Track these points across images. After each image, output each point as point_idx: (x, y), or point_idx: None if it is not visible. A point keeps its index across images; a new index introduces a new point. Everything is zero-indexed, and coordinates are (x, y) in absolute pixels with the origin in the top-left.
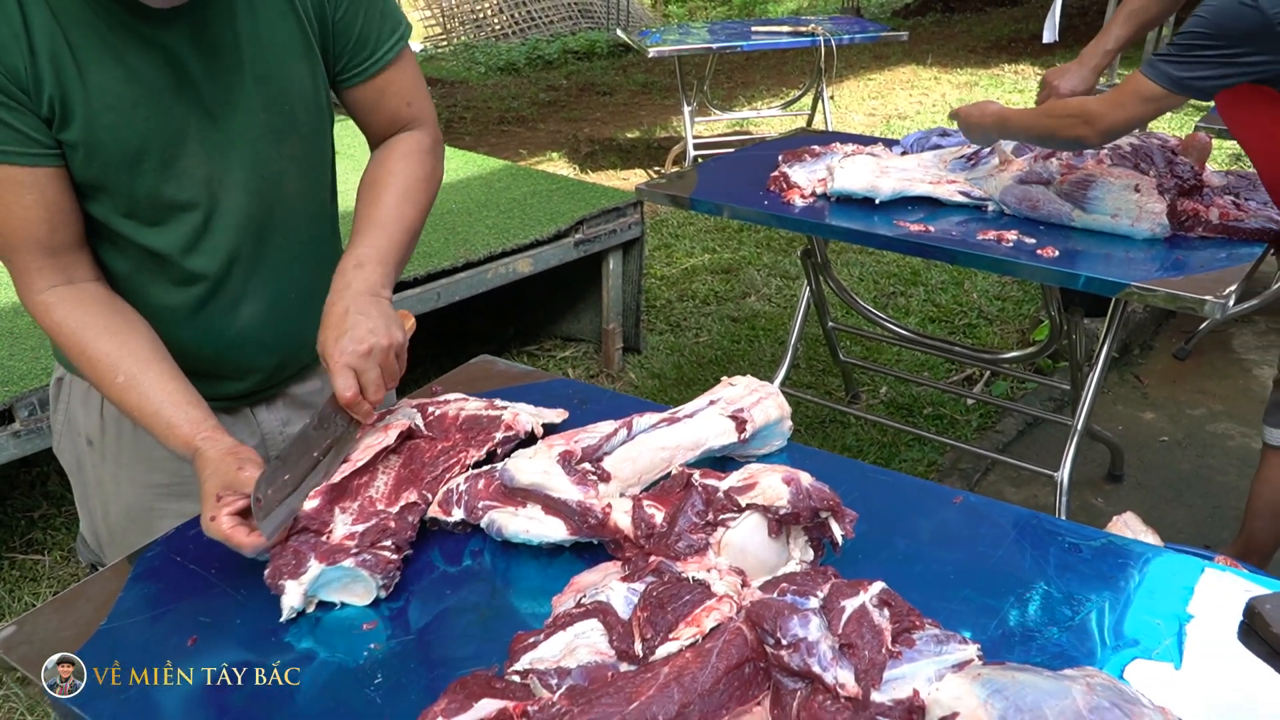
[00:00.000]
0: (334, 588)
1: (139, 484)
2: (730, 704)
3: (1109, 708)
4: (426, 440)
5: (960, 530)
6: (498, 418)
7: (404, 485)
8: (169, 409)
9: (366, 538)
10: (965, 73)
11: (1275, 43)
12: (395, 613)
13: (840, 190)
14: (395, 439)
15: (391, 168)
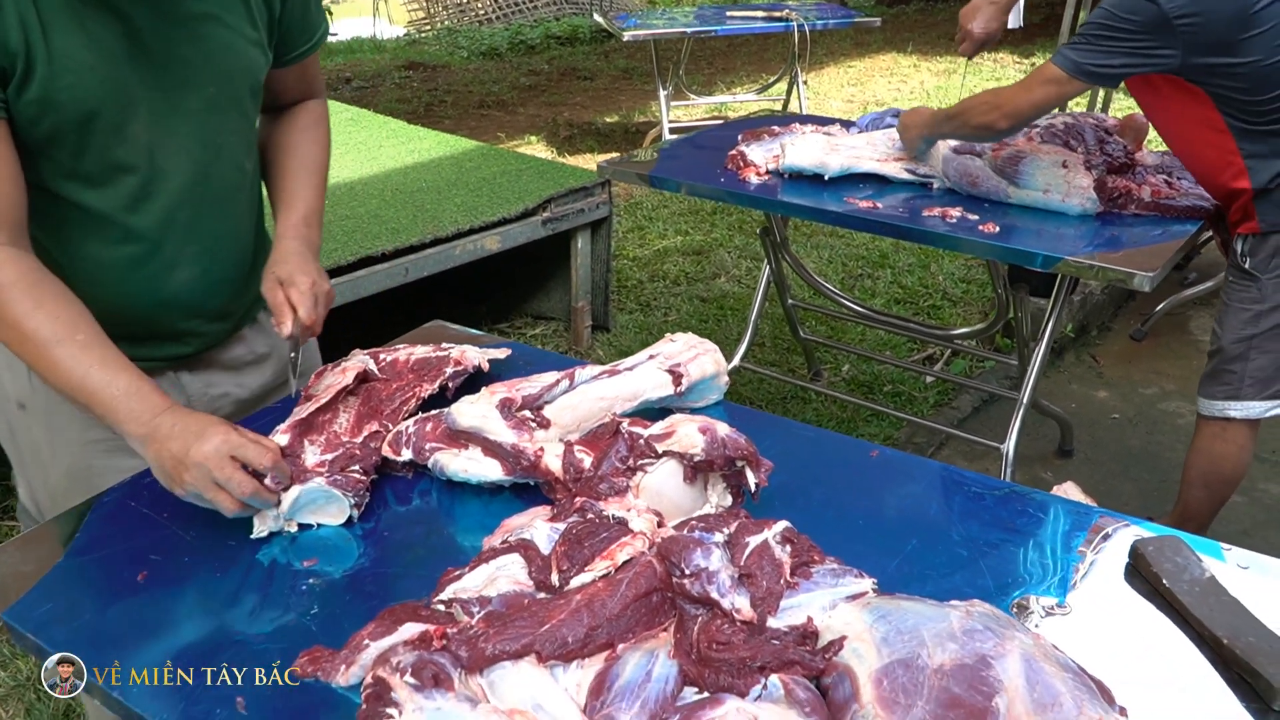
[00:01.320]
0: (310, 509)
1: (76, 443)
2: (637, 629)
3: (981, 630)
4: (381, 382)
5: (874, 481)
6: (446, 356)
7: (365, 419)
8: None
9: (336, 464)
10: (945, 60)
11: (1174, 36)
12: (338, 549)
13: (790, 166)
14: (353, 380)
15: (310, 135)
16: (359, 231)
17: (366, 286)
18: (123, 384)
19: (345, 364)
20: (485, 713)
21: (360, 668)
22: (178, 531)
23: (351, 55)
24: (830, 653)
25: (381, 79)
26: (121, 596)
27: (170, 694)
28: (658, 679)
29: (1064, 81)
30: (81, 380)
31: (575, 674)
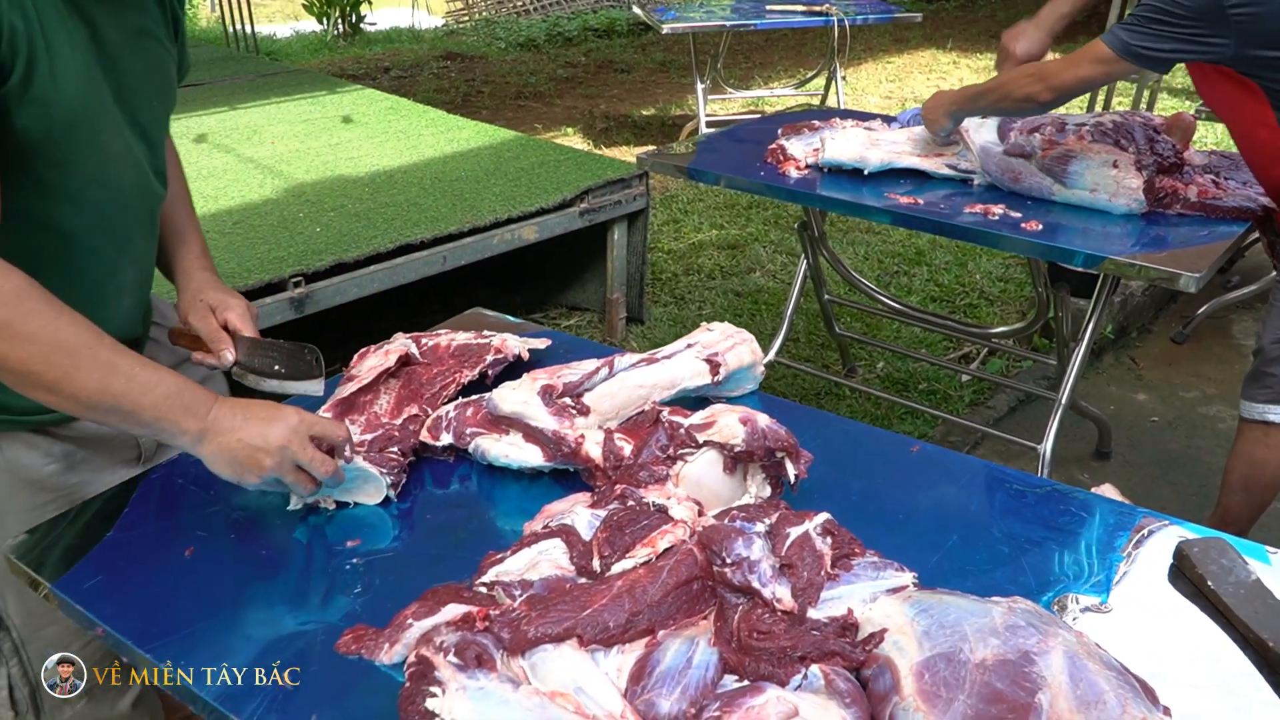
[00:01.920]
0: (347, 487)
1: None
2: (677, 615)
3: (1024, 626)
4: (422, 366)
5: (914, 477)
6: (487, 344)
7: (405, 402)
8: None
9: (375, 444)
10: (985, 57)
11: (1228, 26)
12: (381, 531)
13: (829, 161)
14: (395, 362)
15: (178, 172)
16: (398, 219)
17: (405, 274)
18: (170, 383)
19: (388, 346)
20: (527, 694)
21: (404, 646)
22: (224, 509)
23: (390, 45)
24: (871, 645)
25: (419, 69)
26: (169, 571)
27: (219, 668)
28: (698, 665)
29: (1111, 61)
30: (125, 385)
31: (616, 659)
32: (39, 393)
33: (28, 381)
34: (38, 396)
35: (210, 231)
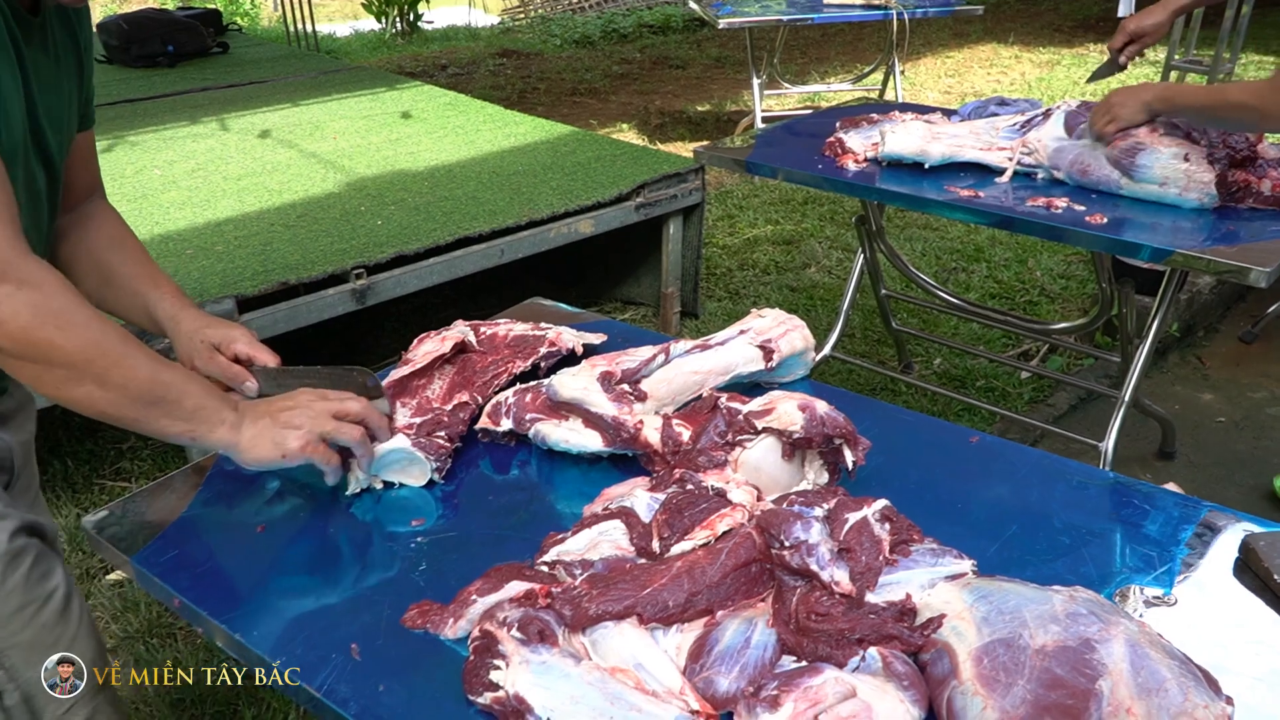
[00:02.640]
0: (393, 469)
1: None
2: (735, 597)
3: (1085, 614)
4: (477, 354)
5: (973, 467)
6: (543, 336)
7: (457, 389)
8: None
9: (423, 428)
10: (1048, 51)
11: None
12: (443, 512)
13: (890, 154)
14: (450, 349)
15: (123, 224)
16: (457, 213)
17: (463, 266)
18: (201, 383)
19: (446, 333)
20: (588, 669)
21: (468, 621)
22: (293, 489)
23: (447, 43)
24: (929, 629)
25: (476, 66)
26: (242, 547)
27: (289, 640)
28: (756, 645)
29: None
30: (172, 373)
31: (675, 637)
32: (85, 385)
33: (78, 372)
34: (80, 394)
35: (275, 225)
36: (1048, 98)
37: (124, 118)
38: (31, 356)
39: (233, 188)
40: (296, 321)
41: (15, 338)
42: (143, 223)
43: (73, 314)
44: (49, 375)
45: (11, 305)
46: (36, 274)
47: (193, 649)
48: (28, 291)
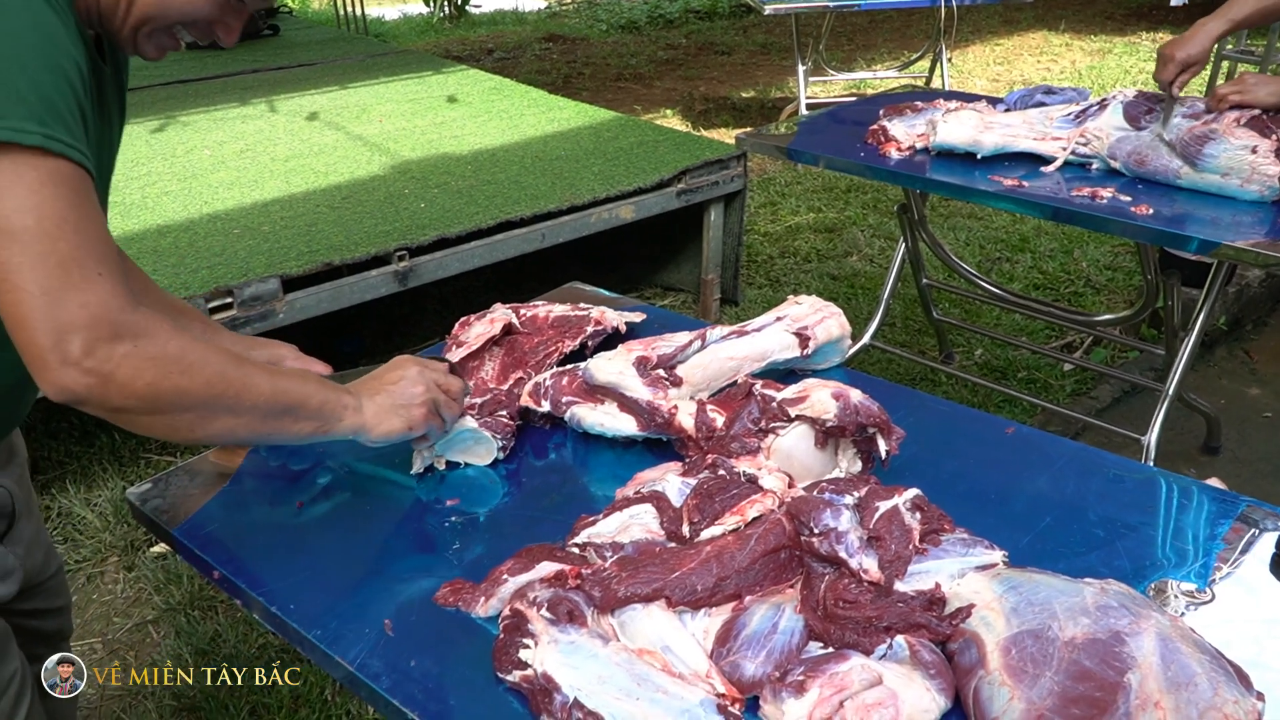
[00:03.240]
0: (459, 449)
1: None
2: (764, 582)
3: (1116, 607)
4: (524, 335)
5: (1009, 456)
6: (586, 315)
7: (510, 369)
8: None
9: (486, 407)
10: (1100, 39)
11: None
12: (478, 492)
13: (942, 144)
14: (500, 330)
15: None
16: (499, 196)
17: (504, 250)
18: (311, 378)
19: (491, 315)
20: (616, 650)
21: (499, 600)
22: (331, 465)
23: (494, 27)
24: (958, 619)
25: (522, 50)
26: (280, 522)
27: (326, 614)
28: (784, 631)
29: None
30: (286, 380)
31: (703, 621)
32: (220, 418)
33: (211, 409)
34: (216, 428)
35: (320, 206)
36: (1098, 86)
37: (175, 98)
38: (162, 409)
39: (280, 169)
40: (339, 302)
41: (143, 395)
42: (192, 202)
43: (189, 354)
44: (182, 420)
45: (133, 365)
46: (147, 324)
47: (233, 622)
48: (144, 344)
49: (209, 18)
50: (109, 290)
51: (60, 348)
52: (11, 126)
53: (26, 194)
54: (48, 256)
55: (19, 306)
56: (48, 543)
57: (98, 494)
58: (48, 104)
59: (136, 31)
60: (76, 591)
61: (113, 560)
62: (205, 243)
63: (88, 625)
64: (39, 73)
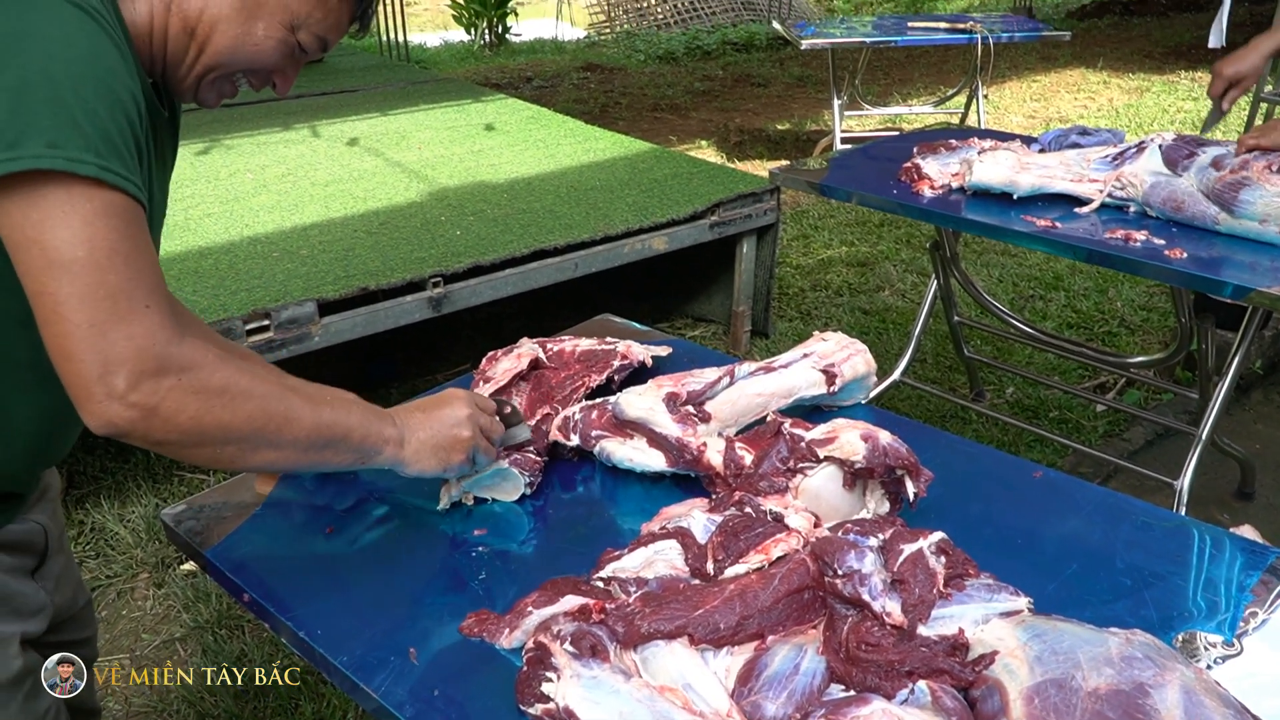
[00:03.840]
0: (486, 485)
1: None
2: (787, 622)
3: (1141, 658)
4: (550, 370)
5: (1036, 501)
6: (613, 349)
7: (537, 404)
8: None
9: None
10: (1138, 78)
11: None
12: (505, 523)
13: (977, 184)
14: (527, 365)
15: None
16: (534, 225)
17: (537, 279)
18: (350, 397)
19: (519, 350)
20: (638, 686)
21: (523, 632)
22: (362, 493)
23: (533, 55)
24: (981, 665)
25: (560, 79)
26: (310, 547)
27: (351, 640)
28: (805, 672)
29: None
30: (332, 412)
31: (725, 659)
32: (261, 452)
33: (252, 443)
34: (257, 459)
35: (358, 231)
36: (1135, 125)
37: (221, 121)
38: (205, 442)
39: (320, 193)
40: (374, 326)
41: (186, 429)
42: (233, 225)
43: (233, 387)
44: (223, 452)
45: (177, 399)
46: (193, 356)
47: (259, 641)
48: (188, 378)
49: (273, 67)
50: (156, 323)
51: (105, 381)
52: (68, 156)
53: (81, 225)
54: (97, 289)
55: (66, 339)
56: (77, 577)
57: (131, 510)
58: (104, 135)
59: (201, 79)
60: (106, 607)
61: (143, 576)
62: (245, 265)
63: (116, 641)
64: (97, 105)
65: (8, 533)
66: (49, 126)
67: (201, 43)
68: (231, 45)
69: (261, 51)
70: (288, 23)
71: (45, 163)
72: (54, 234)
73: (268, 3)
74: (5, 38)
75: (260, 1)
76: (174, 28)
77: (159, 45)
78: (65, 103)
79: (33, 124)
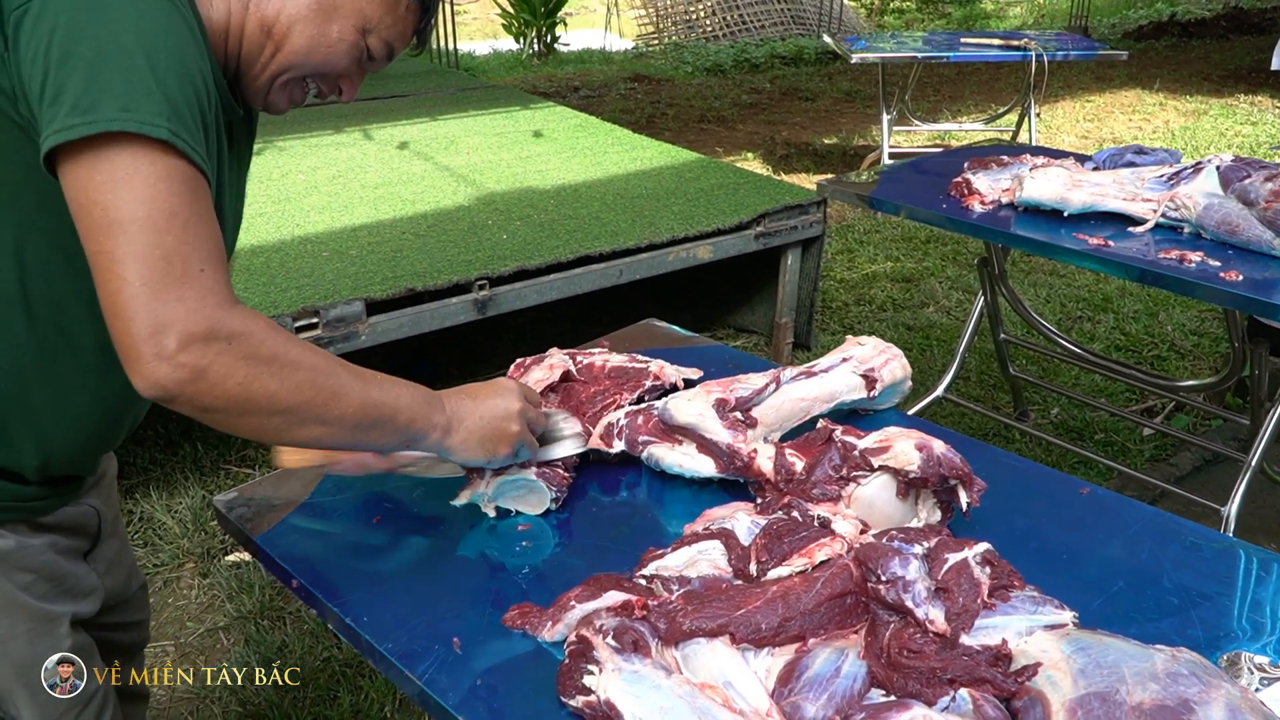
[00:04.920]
0: (512, 496)
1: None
2: (829, 625)
3: (1187, 675)
4: (580, 383)
5: (1083, 518)
6: (644, 368)
7: None
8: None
9: None
10: (1195, 100)
11: None
12: (551, 520)
13: (1028, 200)
14: (558, 377)
15: None
16: (580, 231)
17: (582, 284)
18: (403, 382)
19: (550, 361)
20: (679, 682)
21: (565, 626)
22: (409, 483)
23: (581, 65)
24: (1024, 676)
25: (608, 89)
26: (357, 535)
27: (396, 628)
28: (846, 676)
29: None
30: (380, 392)
31: (765, 660)
32: (308, 427)
33: (299, 416)
34: (304, 434)
35: (406, 233)
36: (1192, 148)
37: (275, 123)
38: (252, 410)
39: (370, 195)
40: (420, 327)
41: (233, 396)
42: (284, 224)
43: (283, 355)
44: (270, 423)
45: (226, 363)
46: (244, 322)
47: (300, 634)
48: (239, 344)
49: (343, 72)
50: (210, 287)
51: (155, 340)
52: (140, 119)
53: (143, 186)
54: (153, 249)
55: (118, 296)
56: (130, 562)
57: (179, 501)
58: (173, 104)
59: (274, 80)
60: (153, 595)
61: (189, 566)
62: (295, 264)
63: (161, 629)
64: (168, 75)
65: (62, 515)
66: (122, 92)
67: (278, 42)
68: (307, 46)
69: (334, 54)
70: (360, 26)
71: (118, 125)
72: (116, 195)
73: (343, 6)
74: (84, 12)
75: (336, 4)
76: (250, 26)
77: (234, 44)
78: (139, 69)
79: (107, 90)
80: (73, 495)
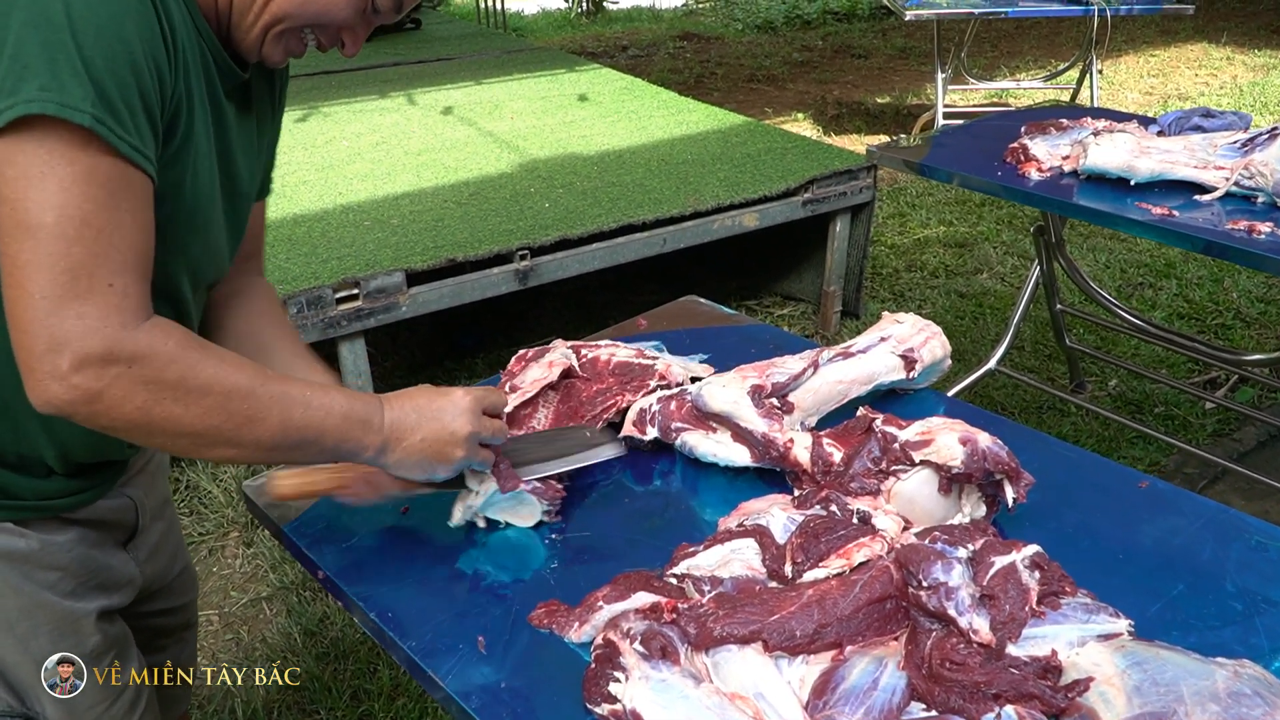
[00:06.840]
0: (501, 507)
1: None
2: (867, 633)
3: (1250, 694)
4: (582, 381)
5: (1139, 513)
6: (650, 367)
7: (564, 420)
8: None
9: None
10: (1264, 54)
11: None
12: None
13: (1092, 168)
14: (558, 375)
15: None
16: (623, 199)
17: (625, 254)
18: (342, 401)
19: (550, 357)
20: (708, 692)
21: (592, 627)
22: None
23: (630, 24)
24: (1074, 692)
25: (656, 48)
26: (384, 527)
27: (421, 624)
28: (884, 688)
29: None
30: (304, 414)
31: (800, 669)
32: (218, 449)
33: (207, 439)
34: (215, 454)
35: (448, 202)
36: (1260, 105)
37: (319, 89)
38: (155, 433)
39: (412, 162)
40: (461, 298)
41: (133, 419)
42: (327, 193)
43: (191, 381)
44: (177, 444)
45: (123, 387)
46: (148, 344)
47: (340, 608)
48: (139, 368)
49: (343, 23)
50: (116, 304)
51: (49, 358)
52: (61, 101)
53: (56, 189)
54: (58, 260)
55: (18, 305)
56: (176, 543)
57: (224, 470)
58: (100, 87)
59: (266, 31)
60: (199, 564)
61: (234, 535)
62: (337, 233)
63: (206, 598)
64: (95, 53)
65: (96, 509)
66: (43, 70)
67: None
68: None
69: (333, 4)
70: None
71: (36, 107)
72: (28, 194)
73: None
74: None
75: None
76: None
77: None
78: (64, 46)
79: (29, 68)
80: (108, 486)
